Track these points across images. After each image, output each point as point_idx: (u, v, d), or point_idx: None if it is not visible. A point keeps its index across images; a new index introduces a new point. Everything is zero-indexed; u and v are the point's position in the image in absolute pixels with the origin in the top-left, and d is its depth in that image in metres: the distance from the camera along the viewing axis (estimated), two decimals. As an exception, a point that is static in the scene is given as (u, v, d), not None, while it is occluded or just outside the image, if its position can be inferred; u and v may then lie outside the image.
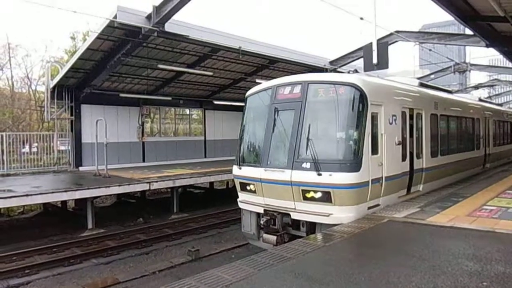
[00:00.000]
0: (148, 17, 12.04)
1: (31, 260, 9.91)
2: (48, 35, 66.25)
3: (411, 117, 9.18)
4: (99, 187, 12.18)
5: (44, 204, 15.06)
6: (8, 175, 15.27)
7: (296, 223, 7.76)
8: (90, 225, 12.44)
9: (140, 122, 19.54)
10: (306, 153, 7.42)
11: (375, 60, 10.35)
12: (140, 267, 9.69)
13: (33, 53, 38.31)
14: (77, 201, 14.95)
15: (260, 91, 8.82)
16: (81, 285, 8.45)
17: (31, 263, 9.60)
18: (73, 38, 28.50)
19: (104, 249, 10.78)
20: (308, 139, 7.47)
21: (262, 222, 7.96)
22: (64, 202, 15.24)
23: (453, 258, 4.87)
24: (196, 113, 24.43)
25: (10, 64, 26.52)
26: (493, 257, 4.89)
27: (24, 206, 15.38)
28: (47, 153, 17.17)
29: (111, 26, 12.23)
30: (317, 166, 7.11)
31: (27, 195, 10.73)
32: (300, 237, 7.06)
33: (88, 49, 14.05)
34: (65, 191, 11.58)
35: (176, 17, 12.28)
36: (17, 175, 15.36)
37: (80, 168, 16.95)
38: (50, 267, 9.57)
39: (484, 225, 6.44)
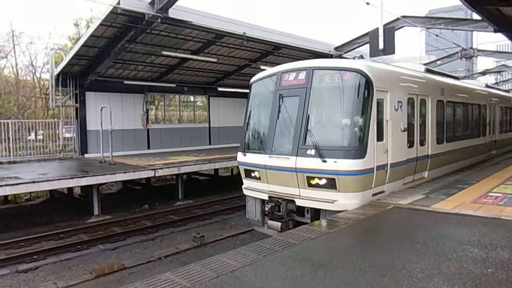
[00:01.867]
0: (152, 3, 11.95)
1: (38, 246, 10.04)
2: (51, 23, 66.12)
3: (417, 104, 9.10)
4: (105, 174, 12.27)
5: (51, 191, 15.23)
6: (14, 162, 15.41)
7: (301, 210, 7.77)
8: (96, 212, 12.57)
9: (144, 109, 19.55)
10: (311, 139, 7.41)
11: (381, 46, 10.26)
12: (146, 253, 9.81)
13: (37, 41, 38.39)
14: (83, 188, 15.10)
15: (264, 77, 8.76)
16: (88, 271, 8.58)
17: (39, 249, 9.73)
18: (76, 25, 28.48)
19: (111, 235, 10.90)
20: (313, 126, 7.43)
21: (266, 208, 8.00)
22: (70, 189, 15.38)
23: (458, 245, 4.87)
24: (200, 100, 24.38)
25: (15, 52, 26.58)
26: (498, 243, 4.88)
27: (31, 193, 15.53)
28: (52, 141, 17.28)
29: (115, 13, 12.14)
30: (322, 152, 7.09)
31: (34, 182, 10.82)
32: (305, 223, 7.07)
33: (91, 36, 13.99)
34: (71, 178, 11.66)
35: (180, 3, 12.19)
36: (23, 163, 15.48)
37: (86, 155, 17.06)
38: (57, 252, 9.70)
39: (490, 212, 6.42)
